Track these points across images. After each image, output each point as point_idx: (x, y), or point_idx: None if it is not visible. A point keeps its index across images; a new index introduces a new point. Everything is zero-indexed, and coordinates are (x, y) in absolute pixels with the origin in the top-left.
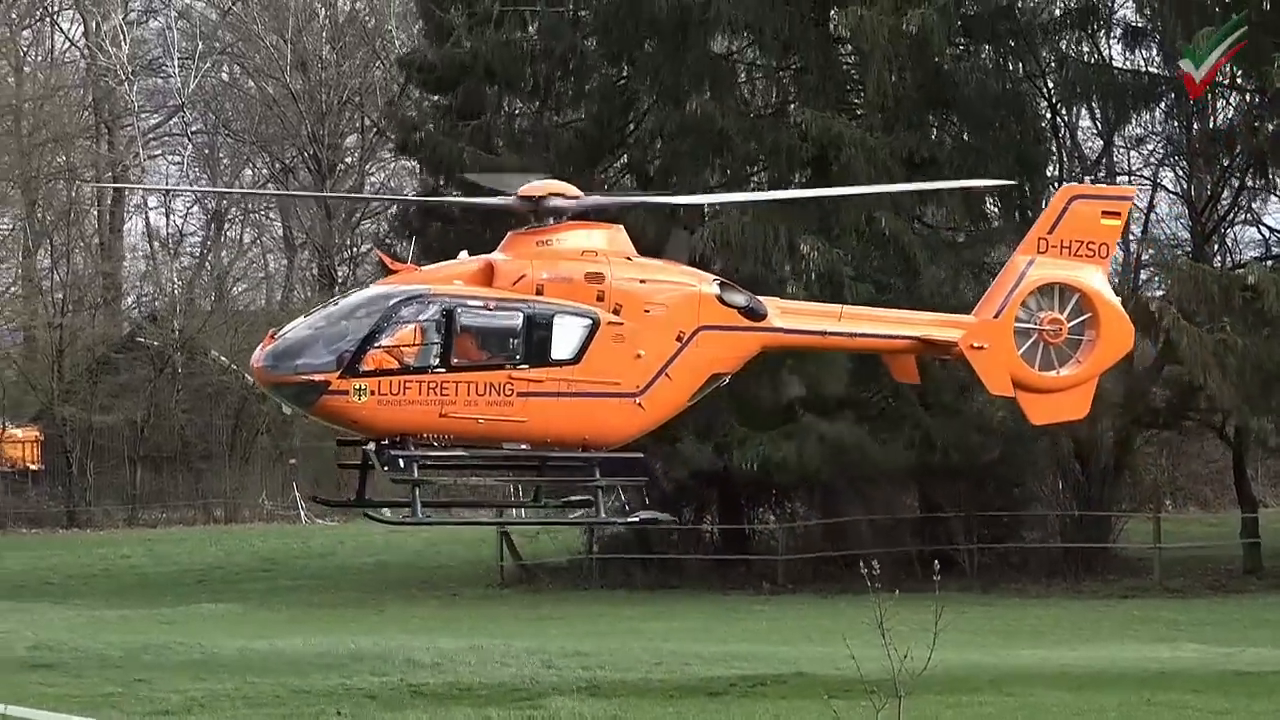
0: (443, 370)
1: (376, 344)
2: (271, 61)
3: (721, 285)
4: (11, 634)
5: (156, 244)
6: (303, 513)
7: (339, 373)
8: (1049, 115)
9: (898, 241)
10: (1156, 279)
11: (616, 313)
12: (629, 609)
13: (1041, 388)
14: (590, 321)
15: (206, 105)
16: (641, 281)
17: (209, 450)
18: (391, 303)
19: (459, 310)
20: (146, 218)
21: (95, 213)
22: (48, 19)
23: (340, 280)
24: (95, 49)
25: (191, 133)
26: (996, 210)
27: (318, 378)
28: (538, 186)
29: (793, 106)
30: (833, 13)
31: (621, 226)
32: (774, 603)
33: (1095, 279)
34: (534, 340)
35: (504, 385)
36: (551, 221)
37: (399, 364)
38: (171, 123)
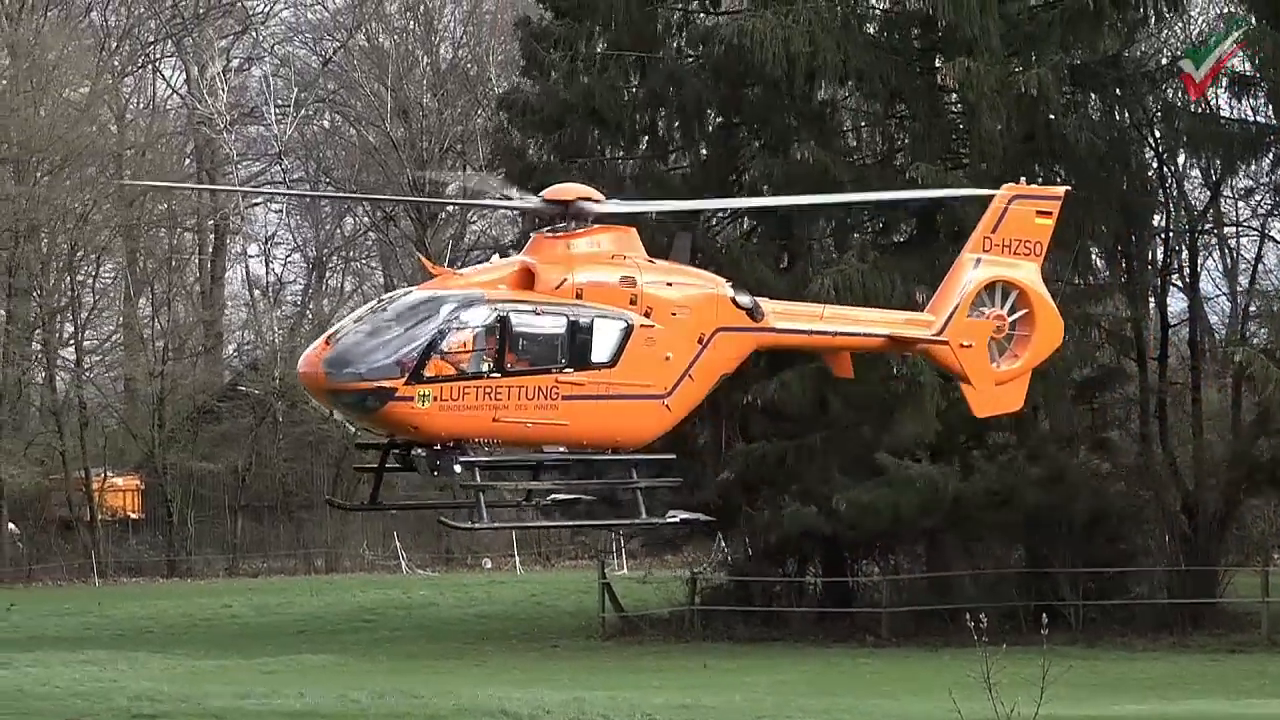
0: (498, 375)
1: (439, 349)
2: (372, 109)
3: (734, 287)
4: (113, 683)
5: (257, 292)
6: (404, 563)
7: (405, 379)
8: (1156, 165)
9: None
10: (1263, 329)
11: (648, 316)
12: (731, 661)
13: (997, 380)
14: (626, 325)
15: (307, 153)
16: (669, 285)
17: (310, 499)
18: (451, 307)
19: (512, 315)
20: (247, 266)
21: (196, 261)
22: (150, 66)
23: None
24: (196, 97)
25: (291, 181)
26: (1103, 264)
27: (385, 384)
28: (563, 190)
29: (900, 156)
30: (939, 62)
31: (634, 229)
32: (878, 656)
33: (1032, 276)
34: (577, 344)
35: (550, 389)
36: (574, 225)
37: (457, 370)
38: (272, 171)
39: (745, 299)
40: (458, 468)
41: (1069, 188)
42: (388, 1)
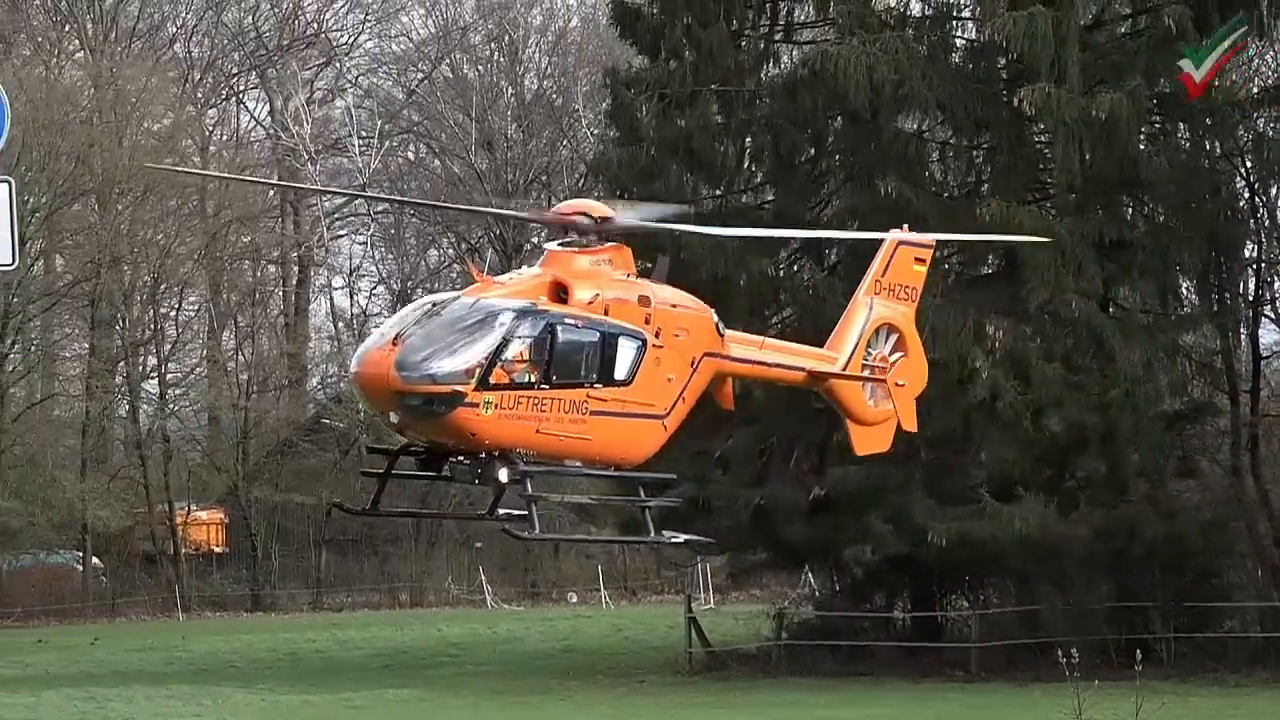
0: (545, 387)
1: (503, 358)
2: (457, 140)
3: (714, 312)
4: (196, 718)
5: (341, 325)
6: (489, 597)
7: (474, 385)
8: (1246, 195)
9: (1089, 323)
10: None
11: (657, 336)
12: (818, 696)
13: (869, 420)
14: (641, 344)
15: (391, 185)
16: (673, 306)
17: (394, 533)
18: (511, 316)
19: (559, 328)
20: (331, 298)
21: (280, 294)
22: (233, 98)
23: None
24: (280, 129)
25: (375, 213)
26: (1192, 294)
27: (459, 388)
28: (574, 204)
29: (985, 188)
30: (1019, 90)
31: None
32: (967, 691)
33: (910, 320)
34: (605, 360)
35: (582, 403)
36: (587, 240)
37: (511, 379)
38: (356, 202)
39: (721, 324)
40: (503, 476)
41: (935, 238)
42: (472, 32)
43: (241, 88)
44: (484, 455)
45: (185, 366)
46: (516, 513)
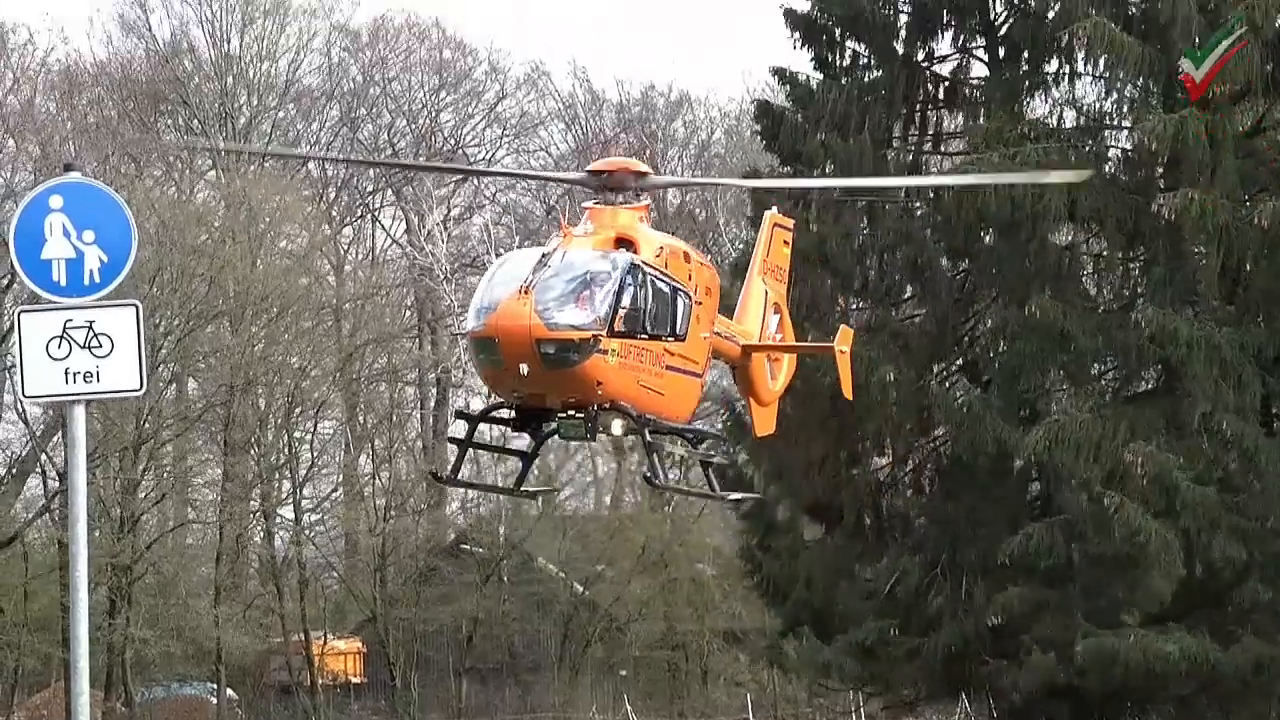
0: (644, 337)
1: (622, 305)
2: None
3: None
4: None
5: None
6: None
7: (605, 331)
8: None
9: (1240, 443)
10: None
11: (696, 293)
12: None
13: (768, 401)
14: (689, 300)
15: None
16: (703, 265)
17: (537, 661)
18: (625, 266)
19: (651, 279)
20: None
21: (418, 416)
22: (368, 216)
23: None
24: (416, 247)
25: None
26: None
27: (599, 334)
28: (613, 161)
29: (1140, 300)
30: (1163, 198)
31: None
32: None
33: (784, 300)
34: (673, 315)
35: (662, 356)
36: (624, 199)
37: (627, 329)
38: None
39: None
40: (617, 428)
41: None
42: (612, 146)
43: (377, 205)
44: (595, 408)
45: (321, 491)
46: (540, 488)
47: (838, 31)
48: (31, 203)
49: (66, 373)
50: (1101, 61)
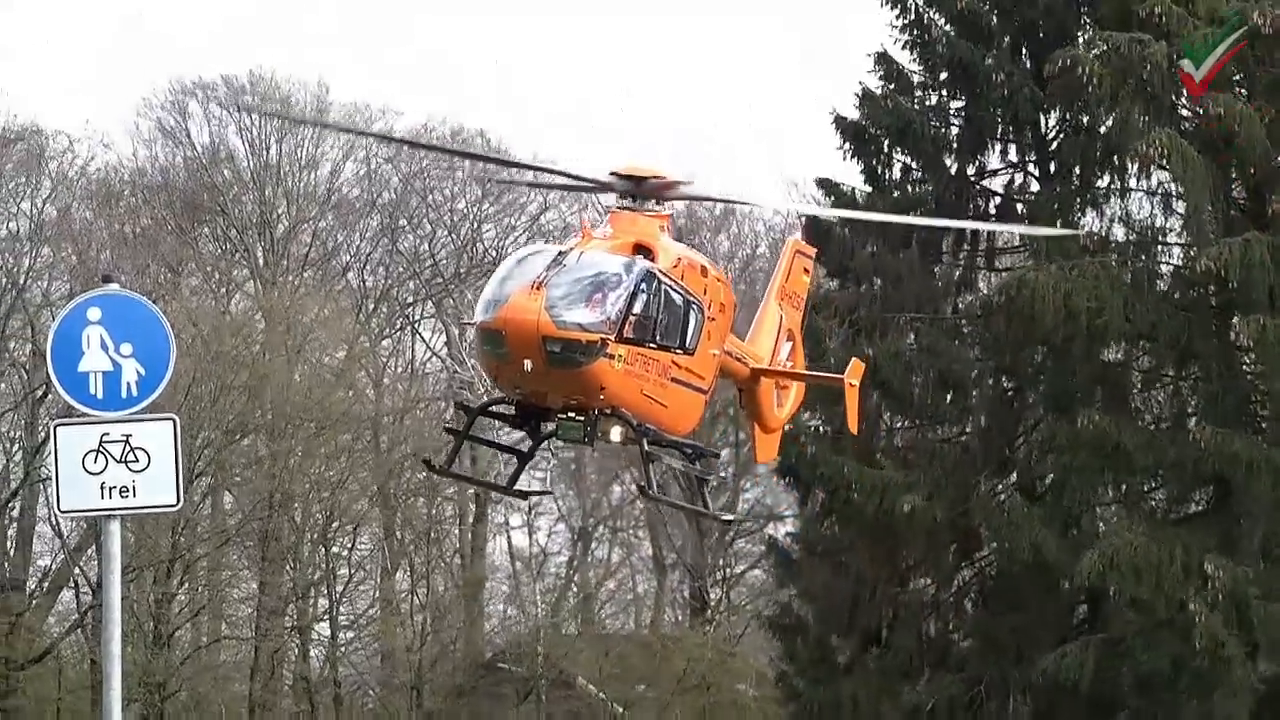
0: (652, 346)
1: (633, 312)
2: None
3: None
4: None
5: (520, 564)
6: None
7: (614, 336)
8: None
9: None
10: None
11: (709, 308)
12: None
13: (773, 427)
14: (701, 314)
15: None
16: (719, 280)
17: None
18: (640, 271)
19: (666, 288)
20: (509, 536)
21: (456, 532)
22: (408, 329)
23: (713, 603)
24: (456, 360)
25: (557, 447)
26: None
27: (607, 337)
28: (635, 167)
29: (1192, 419)
30: (1234, 320)
31: None
32: None
33: (799, 328)
34: (684, 327)
35: (668, 367)
36: (653, 204)
37: (634, 336)
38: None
39: None
40: (616, 435)
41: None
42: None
43: (417, 317)
44: (595, 412)
45: (358, 608)
46: (533, 490)
47: (887, 143)
48: (70, 315)
49: (102, 487)
50: (1162, 177)
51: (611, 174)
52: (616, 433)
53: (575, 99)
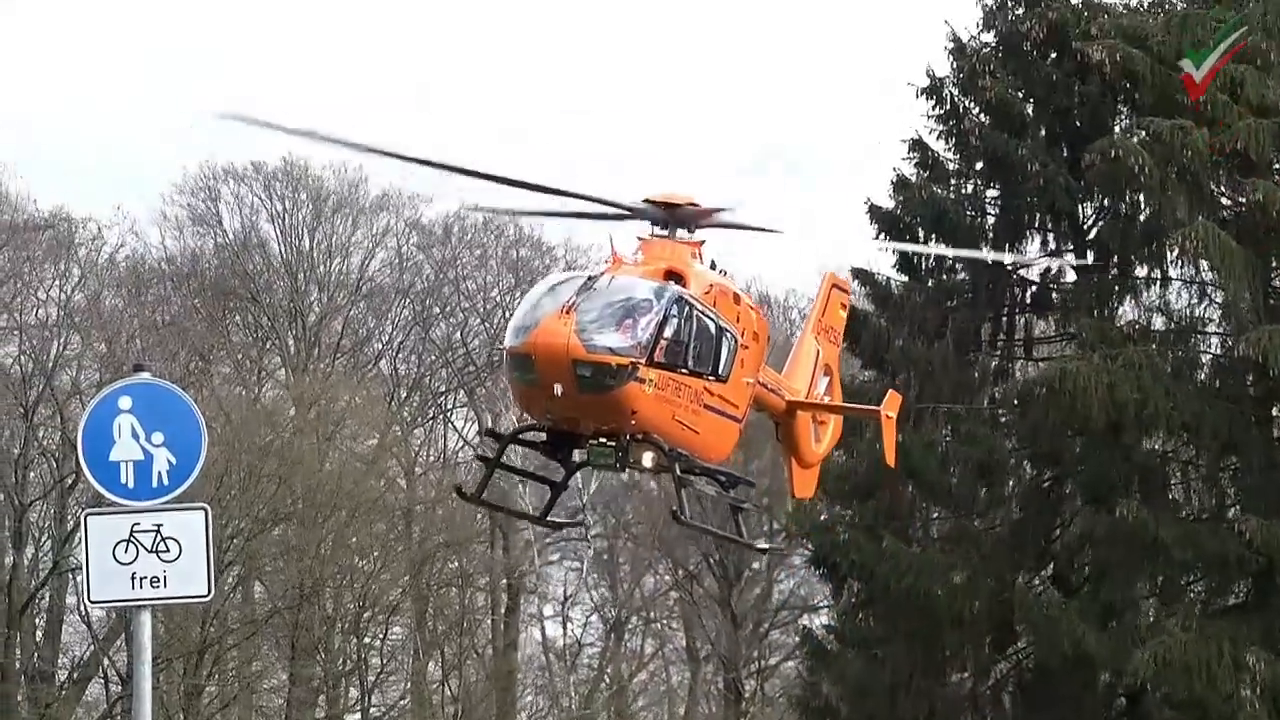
0: (684, 372)
1: (664, 336)
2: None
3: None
4: None
5: (552, 655)
6: None
7: (645, 360)
8: None
9: None
10: None
11: (743, 335)
12: None
13: (811, 462)
14: (735, 341)
15: (606, 507)
16: (752, 309)
17: None
18: (670, 296)
19: (697, 314)
20: (542, 627)
21: (489, 622)
22: (441, 417)
23: (748, 694)
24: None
25: (591, 537)
26: None
27: (637, 361)
28: (667, 194)
29: (1232, 511)
30: (1276, 412)
31: None
32: None
33: (838, 363)
34: (716, 353)
35: (700, 393)
36: (684, 232)
37: (665, 360)
38: (570, 528)
39: None
40: (648, 460)
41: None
42: None
43: (449, 406)
44: (627, 437)
45: (389, 699)
46: (565, 520)
47: (922, 232)
48: (101, 403)
49: (133, 578)
50: (1202, 266)
51: (645, 201)
52: (648, 458)
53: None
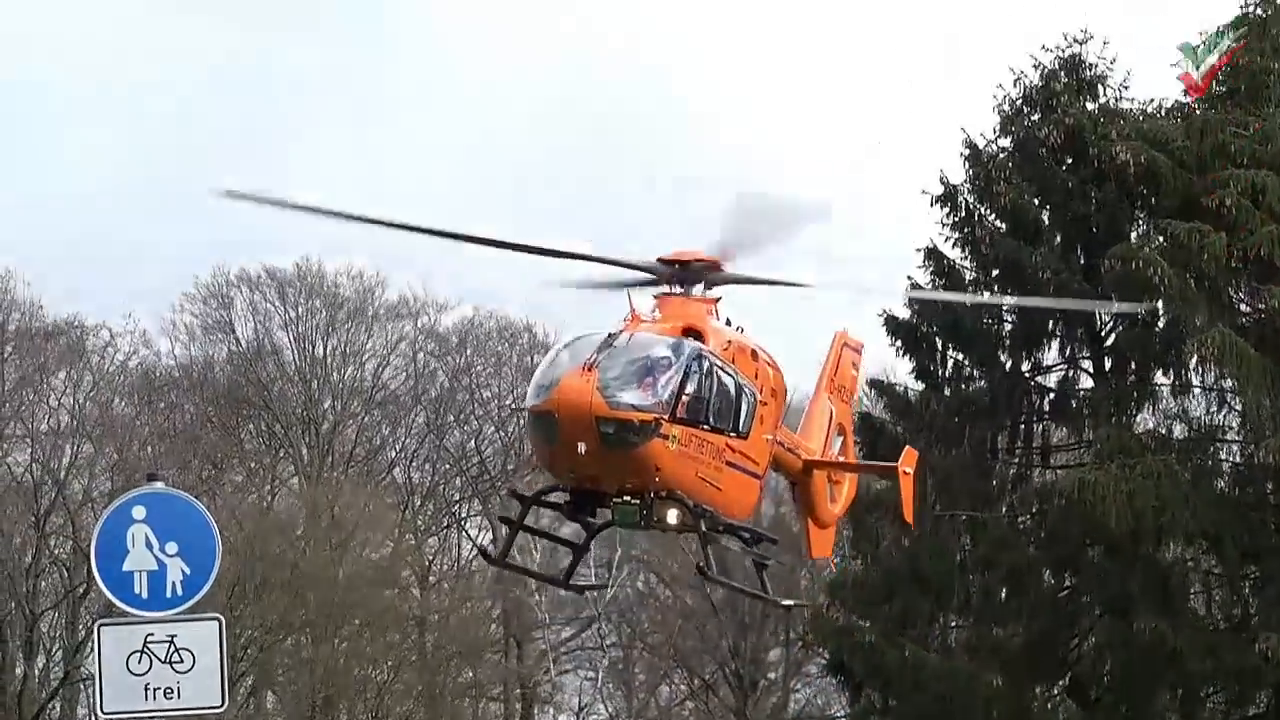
0: (706, 429)
1: (687, 393)
2: (689, 570)
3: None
4: None
5: None
6: None
7: (668, 416)
8: None
9: None
10: None
11: (762, 392)
12: None
13: (827, 522)
14: (754, 398)
15: (621, 616)
16: (770, 366)
17: None
18: (691, 354)
19: (718, 371)
20: None
21: None
22: (455, 526)
23: None
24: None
25: (606, 646)
26: None
27: (660, 417)
28: (680, 251)
29: (1254, 621)
30: None
31: None
32: None
33: (850, 422)
34: (736, 410)
35: (723, 450)
36: (698, 289)
37: (688, 416)
38: (584, 635)
39: None
40: (673, 517)
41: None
42: None
43: (463, 515)
44: (651, 494)
45: None
46: (589, 584)
47: (939, 341)
48: (114, 513)
49: (146, 689)
50: (1217, 373)
51: (658, 260)
52: (673, 515)
53: None
